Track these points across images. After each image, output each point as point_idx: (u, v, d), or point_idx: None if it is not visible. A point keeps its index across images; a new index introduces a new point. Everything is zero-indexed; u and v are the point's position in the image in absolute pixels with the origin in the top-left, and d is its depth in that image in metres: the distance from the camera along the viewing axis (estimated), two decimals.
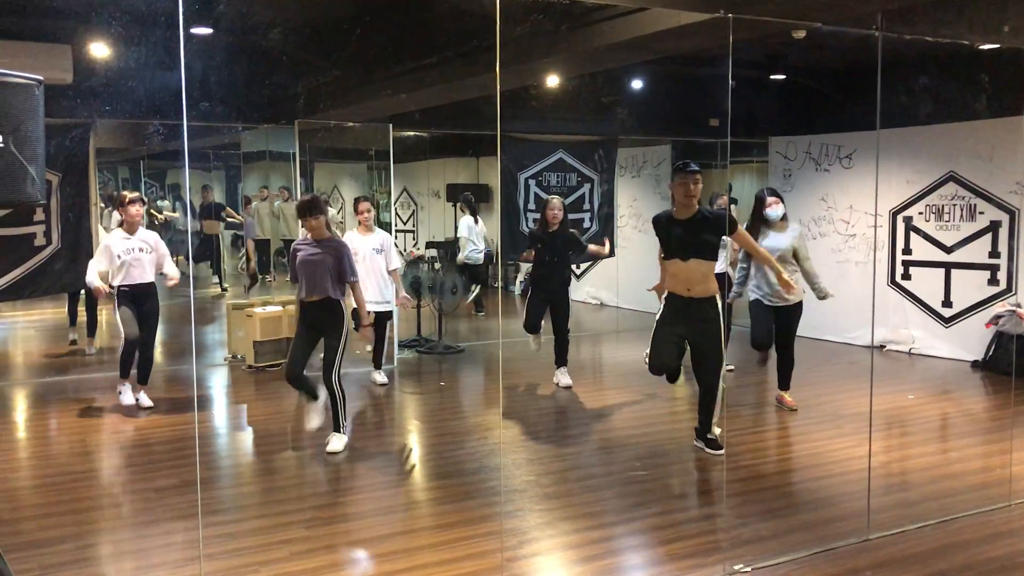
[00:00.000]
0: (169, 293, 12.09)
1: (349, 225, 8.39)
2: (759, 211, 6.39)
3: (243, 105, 8.66)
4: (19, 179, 2.21)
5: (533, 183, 9.41)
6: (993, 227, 8.25)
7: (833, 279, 9.42)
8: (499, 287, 13.63)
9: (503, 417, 6.62)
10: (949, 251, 8.64)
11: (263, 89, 8.83)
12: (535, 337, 7.44)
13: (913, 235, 8.95)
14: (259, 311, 8.15)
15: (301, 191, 9.18)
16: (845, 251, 9.47)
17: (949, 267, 8.66)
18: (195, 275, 12.75)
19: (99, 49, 7.44)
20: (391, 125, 8.85)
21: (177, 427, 6.29)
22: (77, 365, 8.51)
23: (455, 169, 14.04)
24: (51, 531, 4.35)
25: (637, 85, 10.30)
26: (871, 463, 4.88)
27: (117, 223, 6.68)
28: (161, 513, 4.60)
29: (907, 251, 9.02)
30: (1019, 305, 8.00)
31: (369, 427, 6.61)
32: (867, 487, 4.63)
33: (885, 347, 9.05)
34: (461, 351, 9.25)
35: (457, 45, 7.57)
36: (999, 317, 8.08)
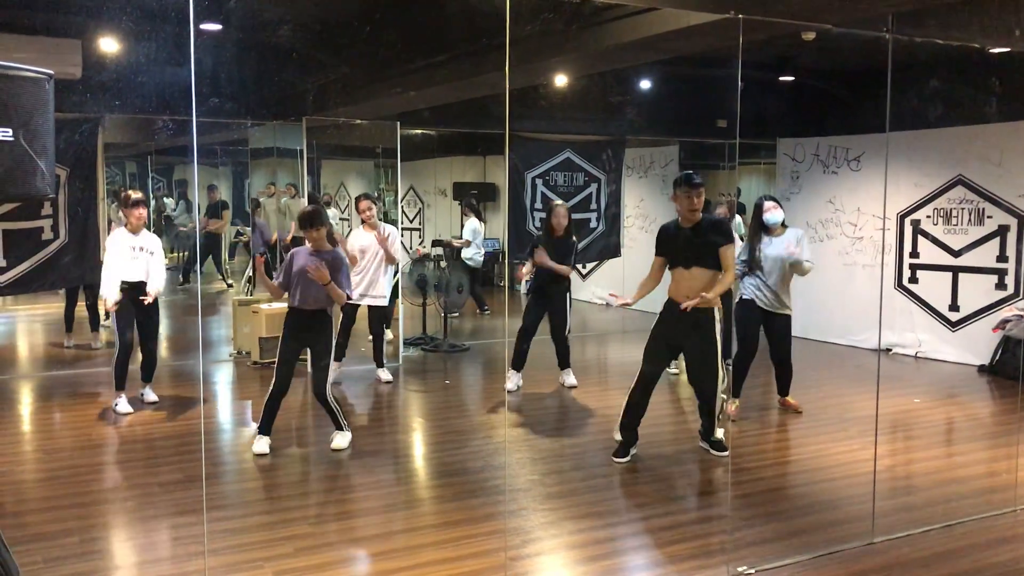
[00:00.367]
0: (174, 289, 12.17)
1: (354, 223, 8.40)
2: (758, 216, 6.41)
3: (252, 101, 8.67)
4: (29, 173, 2.22)
5: (540, 182, 9.40)
6: (1001, 231, 8.23)
7: (840, 282, 9.43)
8: (505, 286, 13.63)
9: (507, 415, 6.63)
10: (957, 255, 8.61)
11: (272, 85, 8.84)
12: (513, 374, 7.34)
13: (921, 238, 8.92)
14: (265, 307, 8.16)
15: (308, 188, 9.18)
16: (852, 254, 9.45)
17: (956, 271, 8.63)
18: (202, 271, 12.77)
19: (109, 44, 7.45)
20: (399, 123, 8.85)
21: (182, 423, 6.31)
22: (82, 359, 8.53)
23: (462, 168, 14.04)
24: (56, 524, 4.36)
25: (646, 85, 10.28)
26: (876, 467, 4.87)
27: (121, 222, 6.65)
28: (166, 508, 4.61)
29: (914, 254, 8.99)
30: None
31: (373, 425, 6.62)
32: (872, 490, 4.63)
33: (891, 350, 9.03)
34: (466, 349, 9.25)
35: (467, 43, 7.56)
36: (1006, 322, 8.05)
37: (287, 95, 9.55)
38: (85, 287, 8.43)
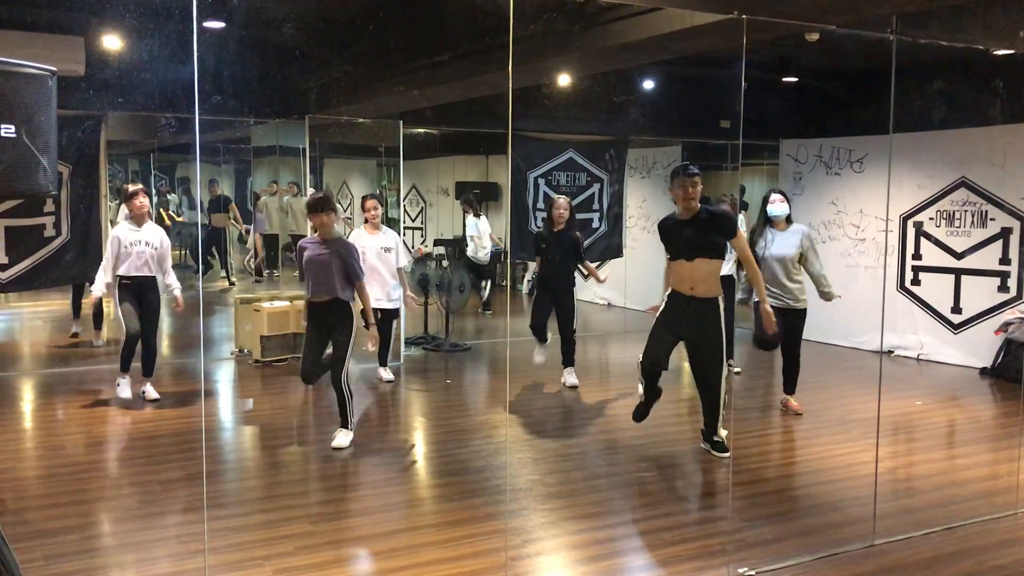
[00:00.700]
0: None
1: (357, 222, 8.40)
2: (765, 210, 6.41)
3: (254, 99, 8.68)
4: (31, 170, 2.22)
5: (543, 182, 9.40)
6: (1004, 234, 8.21)
7: (842, 283, 9.39)
8: (507, 286, 13.62)
9: (508, 415, 6.62)
10: (959, 257, 8.60)
11: (275, 83, 8.85)
12: (541, 348, 7.38)
13: (923, 240, 8.91)
14: (267, 306, 8.16)
15: (310, 187, 9.18)
16: (855, 255, 9.43)
17: (959, 273, 8.62)
18: (204, 269, 12.78)
19: (112, 41, 7.46)
20: (402, 122, 8.86)
21: (183, 420, 6.31)
22: (84, 356, 8.54)
23: (465, 167, 14.03)
24: (56, 521, 4.36)
25: (649, 85, 10.28)
26: (878, 469, 4.86)
27: (125, 216, 6.66)
28: (166, 505, 4.61)
29: (917, 256, 8.98)
30: None
31: (375, 424, 6.61)
32: (873, 492, 4.62)
33: (893, 352, 9.02)
34: (468, 349, 9.25)
35: (470, 43, 7.57)
36: (1008, 324, 8.05)
37: (290, 93, 9.55)
38: (89, 283, 8.45)
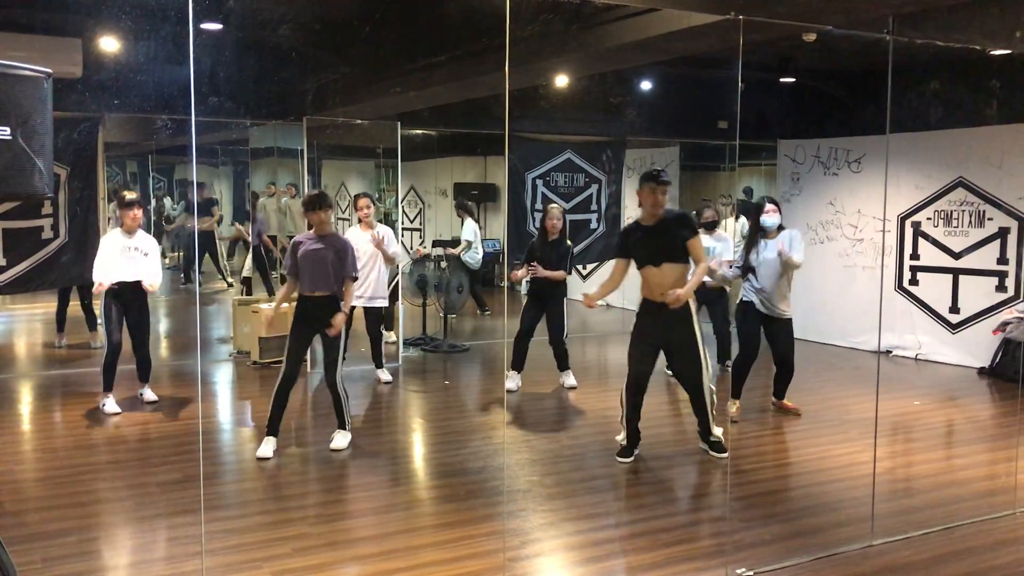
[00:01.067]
0: (175, 288, 12.17)
1: (353, 223, 8.39)
2: (757, 218, 6.40)
3: (252, 101, 8.66)
4: (27, 172, 2.21)
5: (540, 183, 9.40)
6: (1002, 233, 8.22)
7: (840, 283, 9.43)
8: (505, 287, 13.62)
9: (507, 416, 6.62)
10: (957, 257, 8.61)
11: (272, 85, 8.83)
12: (513, 375, 7.35)
13: (921, 240, 8.91)
14: (265, 307, 8.14)
15: (308, 188, 9.18)
16: (853, 255, 9.44)
17: (957, 273, 8.62)
18: (201, 271, 12.76)
19: (109, 43, 7.45)
20: (399, 123, 8.85)
21: (180, 422, 6.30)
22: (80, 358, 8.52)
23: (463, 168, 14.03)
24: (54, 524, 4.35)
25: (646, 86, 10.27)
26: (876, 469, 4.87)
27: (116, 223, 6.59)
28: (164, 508, 4.60)
29: (915, 256, 8.98)
30: None
31: (372, 425, 6.61)
32: (872, 493, 4.62)
33: (891, 352, 9.02)
34: (466, 350, 9.25)
35: (467, 43, 7.55)
36: (1006, 324, 8.05)
37: (287, 95, 9.53)
38: (79, 288, 8.42)
